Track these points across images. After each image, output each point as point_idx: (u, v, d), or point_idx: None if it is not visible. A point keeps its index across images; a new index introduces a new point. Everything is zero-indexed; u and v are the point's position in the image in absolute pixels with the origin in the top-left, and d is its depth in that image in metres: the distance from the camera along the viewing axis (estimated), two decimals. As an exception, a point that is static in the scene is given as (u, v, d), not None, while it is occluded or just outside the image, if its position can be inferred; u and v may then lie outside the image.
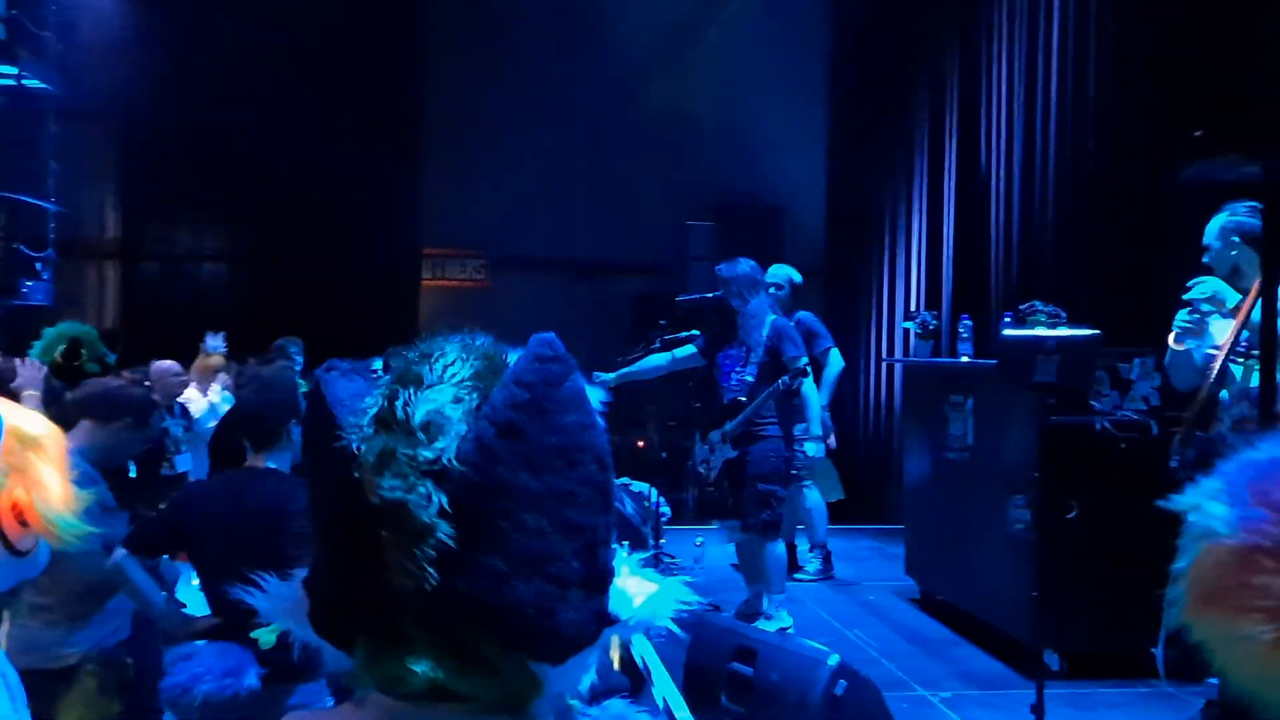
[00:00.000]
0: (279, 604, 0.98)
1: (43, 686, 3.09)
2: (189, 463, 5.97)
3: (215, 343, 6.81)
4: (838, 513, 7.36)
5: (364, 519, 0.87)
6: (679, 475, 8.94)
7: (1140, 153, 6.78)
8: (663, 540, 7.03)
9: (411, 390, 0.89)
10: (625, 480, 7.17)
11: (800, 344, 5.76)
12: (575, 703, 0.96)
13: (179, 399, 6.21)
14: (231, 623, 2.85)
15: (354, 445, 0.89)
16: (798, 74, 10.82)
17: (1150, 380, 5.04)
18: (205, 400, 6.38)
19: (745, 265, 5.82)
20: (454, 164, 10.98)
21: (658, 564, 5.91)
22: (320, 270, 10.73)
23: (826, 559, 7.12)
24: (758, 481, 5.55)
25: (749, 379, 5.58)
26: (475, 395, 0.90)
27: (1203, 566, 0.94)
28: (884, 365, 9.72)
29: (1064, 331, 4.23)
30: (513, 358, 0.93)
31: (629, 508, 6.61)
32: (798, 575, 6.90)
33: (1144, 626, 4.76)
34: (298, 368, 6.29)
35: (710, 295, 6.14)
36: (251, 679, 2.90)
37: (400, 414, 0.88)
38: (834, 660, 3.76)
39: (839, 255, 10.66)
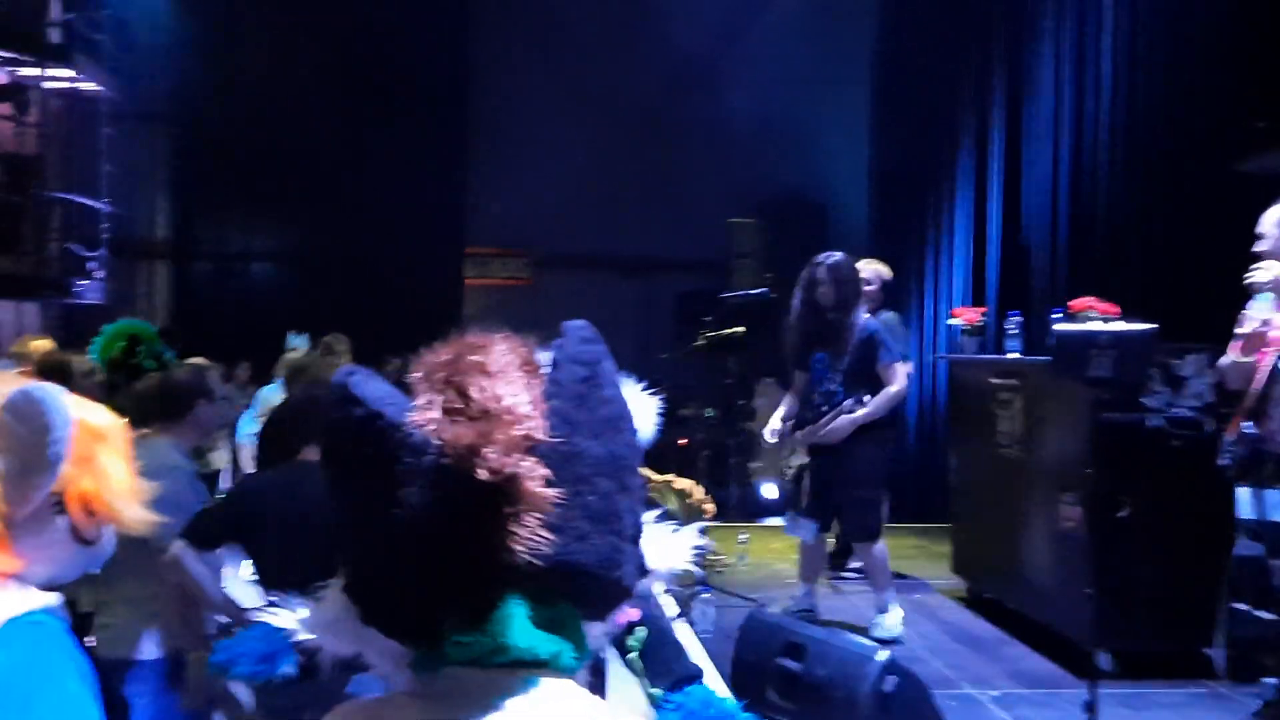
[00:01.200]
0: (313, 622, 1.02)
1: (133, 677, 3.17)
2: (225, 460, 6.08)
3: (297, 341, 7.00)
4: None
5: (461, 501, 0.92)
6: (722, 472, 8.93)
7: (1190, 144, 6.66)
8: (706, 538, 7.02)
9: (481, 378, 0.96)
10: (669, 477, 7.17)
11: (894, 349, 5.51)
12: (656, 691, 1.04)
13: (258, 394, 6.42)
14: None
15: (432, 435, 0.93)
16: (842, 70, 10.76)
17: (1204, 377, 4.96)
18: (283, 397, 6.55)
19: (846, 264, 5.49)
20: (498, 163, 11.05)
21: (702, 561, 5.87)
22: (367, 269, 10.85)
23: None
24: (856, 488, 5.39)
25: (834, 388, 5.39)
26: (534, 379, 0.99)
27: None
28: (928, 362, 9.64)
29: (1120, 326, 4.18)
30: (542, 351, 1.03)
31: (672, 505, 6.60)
32: (841, 573, 6.86)
33: (1198, 626, 4.73)
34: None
35: (754, 292, 6.08)
36: (288, 667, 2.93)
37: (480, 399, 0.94)
38: (883, 656, 3.74)
39: (882, 252, 10.54)
